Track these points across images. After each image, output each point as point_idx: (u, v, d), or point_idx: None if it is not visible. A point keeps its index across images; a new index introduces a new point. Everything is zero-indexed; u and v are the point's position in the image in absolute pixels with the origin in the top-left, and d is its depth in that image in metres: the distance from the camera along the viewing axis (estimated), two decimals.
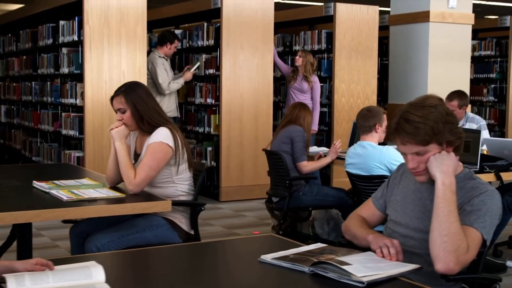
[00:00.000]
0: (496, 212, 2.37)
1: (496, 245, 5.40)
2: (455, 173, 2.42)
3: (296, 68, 8.00)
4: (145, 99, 3.73)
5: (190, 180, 3.86)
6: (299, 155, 5.29)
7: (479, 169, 4.67)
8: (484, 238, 2.34)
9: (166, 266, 2.45)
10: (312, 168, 5.39)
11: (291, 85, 8.06)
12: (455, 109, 6.05)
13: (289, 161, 5.26)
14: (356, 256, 2.31)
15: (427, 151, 2.39)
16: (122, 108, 3.71)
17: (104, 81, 6.93)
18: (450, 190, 2.32)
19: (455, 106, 6.05)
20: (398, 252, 2.37)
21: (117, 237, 3.61)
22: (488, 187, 2.42)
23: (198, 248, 2.88)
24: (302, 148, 5.31)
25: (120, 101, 3.71)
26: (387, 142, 4.49)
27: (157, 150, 3.65)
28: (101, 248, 3.53)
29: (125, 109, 3.70)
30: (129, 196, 3.57)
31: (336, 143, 5.39)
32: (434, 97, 2.44)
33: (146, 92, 3.79)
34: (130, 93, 3.70)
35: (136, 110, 3.69)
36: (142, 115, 3.70)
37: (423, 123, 2.35)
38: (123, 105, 3.70)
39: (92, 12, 6.86)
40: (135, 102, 3.69)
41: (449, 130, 2.39)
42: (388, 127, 2.47)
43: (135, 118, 3.70)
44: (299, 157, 5.29)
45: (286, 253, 2.38)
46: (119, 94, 3.72)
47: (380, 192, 2.71)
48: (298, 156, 5.29)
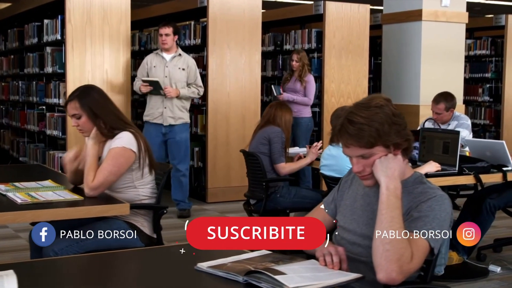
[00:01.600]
0: (445, 218, 2.25)
1: (480, 249, 5.27)
2: (402, 177, 2.30)
3: (291, 70, 7.87)
4: (102, 102, 3.61)
5: (152, 183, 3.76)
6: (277, 157, 5.18)
7: (458, 171, 4.54)
8: (431, 246, 2.21)
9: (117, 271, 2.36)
10: (290, 169, 5.28)
11: (285, 85, 7.95)
12: (442, 112, 5.91)
13: (266, 163, 5.15)
14: (296, 265, 2.20)
15: (372, 154, 2.27)
16: (77, 113, 3.59)
17: (87, 81, 6.82)
18: (394, 195, 2.20)
19: (441, 109, 5.91)
20: (343, 260, 2.25)
21: (75, 242, 3.50)
22: (437, 192, 2.29)
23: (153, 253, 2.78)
24: (280, 149, 5.19)
25: (75, 106, 3.58)
26: (331, 144, 4.39)
27: (119, 155, 3.54)
28: (59, 252, 3.43)
29: (80, 115, 3.59)
30: (87, 199, 3.47)
31: (317, 144, 5.28)
32: (381, 97, 2.32)
33: (101, 95, 3.67)
34: (84, 98, 3.58)
35: (94, 114, 3.57)
36: (100, 119, 3.59)
37: (367, 124, 2.23)
38: (78, 111, 3.58)
39: (74, 11, 6.77)
40: (91, 106, 3.57)
41: (396, 132, 2.27)
42: (332, 128, 2.34)
43: (93, 123, 3.59)
44: (277, 159, 5.18)
45: (224, 260, 2.27)
46: (73, 99, 3.60)
47: (331, 196, 2.59)
48: (276, 158, 5.18)
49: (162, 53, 6.83)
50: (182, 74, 6.82)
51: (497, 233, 5.79)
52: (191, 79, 6.88)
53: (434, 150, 4.71)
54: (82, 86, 3.78)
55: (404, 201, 2.27)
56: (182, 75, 6.82)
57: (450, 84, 8.72)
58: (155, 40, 8.66)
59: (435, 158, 4.60)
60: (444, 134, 4.69)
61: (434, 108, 5.93)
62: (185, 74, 6.83)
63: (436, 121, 5.90)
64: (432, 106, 5.96)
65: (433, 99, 5.99)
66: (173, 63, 6.81)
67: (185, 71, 6.83)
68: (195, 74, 6.91)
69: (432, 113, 5.96)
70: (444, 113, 5.90)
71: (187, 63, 6.85)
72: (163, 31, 6.74)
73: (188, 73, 6.85)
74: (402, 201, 2.25)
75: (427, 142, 4.78)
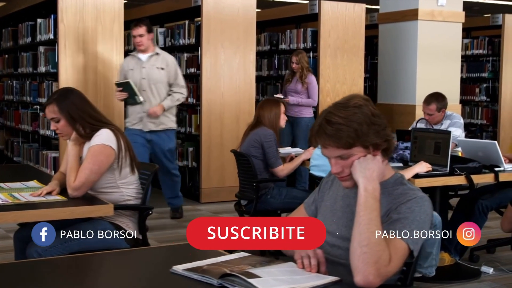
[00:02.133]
0: (425, 220, 2.21)
1: (473, 250, 5.23)
2: (381, 178, 2.25)
3: (292, 70, 7.83)
4: (79, 105, 3.57)
5: (136, 183, 3.72)
6: (274, 161, 5.12)
7: (449, 172, 4.49)
8: (411, 248, 2.17)
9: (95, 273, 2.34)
10: (288, 171, 5.23)
11: (287, 86, 7.91)
12: (434, 112, 5.87)
13: (257, 163, 5.11)
14: (272, 268, 2.16)
15: (351, 154, 2.23)
16: (56, 117, 3.56)
17: (80, 80, 6.79)
18: (372, 196, 2.16)
19: (433, 110, 5.87)
20: (321, 263, 2.21)
21: (59, 243, 3.46)
22: (417, 193, 2.25)
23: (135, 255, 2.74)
24: (275, 152, 5.13)
25: (53, 110, 3.55)
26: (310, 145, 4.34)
27: (98, 153, 3.51)
28: (43, 253, 3.39)
29: (59, 118, 3.55)
30: (70, 200, 3.43)
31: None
32: (360, 97, 2.27)
33: (80, 97, 3.63)
34: (62, 101, 3.55)
35: (72, 117, 3.54)
36: (79, 122, 3.55)
37: (345, 124, 2.19)
38: (56, 114, 3.55)
39: (67, 10, 6.73)
40: (69, 110, 3.53)
41: (375, 132, 2.22)
42: (311, 129, 2.30)
43: (71, 127, 3.55)
44: (274, 163, 5.12)
45: (201, 263, 2.23)
46: (51, 102, 3.56)
47: (312, 198, 2.55)
48: (273, 162, 5.12)
49: (138, 54, 6.38)
50: (161, 74, 6.37)
51: (490, 234, 5.74)
52: (171, 79, 6.43)
53: (426, 151, 4.67)
54: (60, 89, 3.76)
55: (383, 202, 2.23)
56: (161, 75, 6.37)
57: (447, 83, 8.68)
58: None
59: (426, 159, 4.56)
60: (435, 134, 4.65)
61: (425, 109, 5.89)
62: (164, 73, 6.37)
63: (428, 121, 5.86)
64: (424, 107, 5.92)
65: (424, 100, 5.95)
66: (150, 63, 6.36)
67: (165, 71, 6.38)
68: (176, 72, 6.47)
69: (424, 114, 5.92)
70: (435, 114, 5.86)
71: (166, 61, 6.40)
72: (136, 32, 6.28)
73: (168, 72, 6.39)
74: (381, 203, 2.21)
75: (419, 142, 4.74)
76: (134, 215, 3.68)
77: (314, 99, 7.70)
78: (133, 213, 3.68)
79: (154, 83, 6.34)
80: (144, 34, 6.28)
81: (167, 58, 6.44)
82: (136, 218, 3.69)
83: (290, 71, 7.86)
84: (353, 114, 2.20)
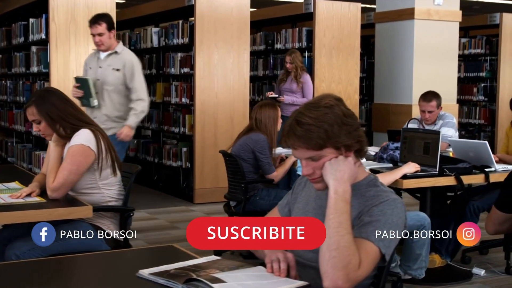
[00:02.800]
0: (397, 223, 2.15)
1: (465, 251, 5.17)
2: (353, 180, 2.19)
3: (287, 70, 7.78)
4: (59, 106, 3.52)
5: (118, 184, 3.67)
6: (267, 168, 5.07)
7: (439, 172, 4.43)
8: (383, 252, 2.11)
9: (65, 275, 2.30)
10: (282, 175, 5.18)
11: (281, 86, 7.85)
12: (434, 109, 5.80)
13: (245, 166, 5.05)
14: (240, 272, 2.11)
15: (322, 156, 2.17)
16: (36, 119, 3.52)
17: (71, 81, 6.72)
18: (342, 199, 2.10)
19: (434, 107, 5.79)
20: (291, 267, 2.16)
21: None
22: (390, 195, 2.19)
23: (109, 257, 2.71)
24: (269, 158, 5.08)
25: (32, 112, 3.51)
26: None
27: (77, 153, 3.46)
28: (21, 256, 3.34)
29: (39, 120, 3.51)
30: (50, 202, 3.38)
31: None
32: (331, 97, 2.21)
33: (59, 97, 3.57)
34: (41, 103, 3.50)
35: (51, 119, 3.49)
36: (59, 123, 3.50)
37: (315, 125, 2.13)
38: (36, 116, 3.50)
39: (58, 9, 6.70)
40: (48, 111, 3.49)
41: (347, 133, 2.16)
42: (282, 130, 2.24)
43: (51, 128, 3.51)
44: (268, 170, 5.08)
45: (169, 267, 2.18)
46: (31, 105, 3.52)
47: (286, 199, 2.49)
48: (267, 169, 5.07)
49: (99, 52, 5.77)
50: (116, 76, 5.61)
51: (483, 235, 5.65)
52: (128, 81, 5.64)
53: (415, 151, 4.61)
54: (39, 91, 3.72)
55: (355, 205, 2.18)
56: (116, 77, 5.61)
57: (443, 83, 8.62)
58: (145, 39, 8.59)
59: (416, 159, 4.50)
60: (425, 135, 4.59)
61: (426, 107, 5.77)
62: (120, 76, 5.60)
63: (427, 120, 5.79)
64: (424, 105, 5.80)
65: (424, 98, 5.82)
66: (107, 62, 5.67)
67: (120, 72, 5.60)
68: (132, 75, 5.63)
69: (423, 113, 5.79)
70: (435, 111, 5.79)
71: (123, 62, 5.63)
72: (94, 31, 5.63)
73: (124, 74, 5.61)
74: (353, 205, 2.15)
75: (408, 143, 4.68)
76: (115, 216, 3.63)
77: (309, 99, 7.64)
78: (114, 214, 3.63)
79: (107, 87, 5.65)
80: (104, 33, 5.61)
81: (126, 57, 5.67)
82: (117, 220, 3.64)
83: (285, 70, 7.81)
84: (323, 114, 2.14)
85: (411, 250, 4.41)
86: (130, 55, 5.72)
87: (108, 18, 5.68)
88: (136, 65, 5.67)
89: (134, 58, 5.71)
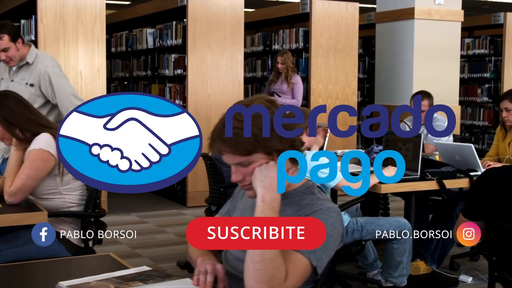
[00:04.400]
0: (331, 233, 2.01)
1: (453, 257, 5.01)
2: (287, 187, 2.06)
3: (278, 71, 7.66)
4: (15, 110, 3.43)
5: (81, 189, 3.56)
6: None
7: (420, 176, 4.29)
8: (314, 265, 1.98)
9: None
10: None
11: (272, 86, 7.74)
12: (426, 109, 5.66)
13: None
14: (163, 285, 1.99)
15: (251, 161, 2.04)
16: None
17: None
18: (270, 207, 1.97)
19: (426, 106, 5.67)
20: (220, 279, 2.03)
21: None
22: (325, 204, 2.06)
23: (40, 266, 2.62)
24: None
25: None
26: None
27: (36, 158, 3.36)
28: None
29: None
30: (5, 207, 3.29)
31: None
32: (262, 98, 2.09)
33: (16, 101, 3.48)
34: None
35: (8, 122, 3.40)
36: (16, 127, 3.41)
37: (243, 129, 2.01)
38: None
39: (46, 10, 6.61)
40: (4, 115, 3.41)
41: (278, 137, 2.03)
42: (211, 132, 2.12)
43: (9, 132, 3.42)
44: None
45: (91, 278, 2.07)
46: None
47: (226, 207, 2.37)
48: None
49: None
50: (30, 92, 4.56)
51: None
52: (49, 97, 4.62)
53: None
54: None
55: (289, 214, 2.04)
56: (30, 92, 4.56)
57: (445, 84, 8.46)
58: (140, 41, 8.50)
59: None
60: (406, 138, 4.45)
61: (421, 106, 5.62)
62: (35, 91, 4.59)
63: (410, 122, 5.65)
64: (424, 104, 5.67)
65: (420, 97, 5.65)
66: (19, 75, 4.66)
67: (35, 88, 4.59)
68: (52, 90, 4.59)
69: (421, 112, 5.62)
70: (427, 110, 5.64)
71: (37, 75, 4.59)
72: None
73: (41, 91, 4.59)
74: (287, 214, 2.02)
75: (390, 146, 4.54)
76: (76, 222, 3.53)
77: (299, 100, 7.51)
78: (75, 220, 3.53)
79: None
80: (9, 46, 4.54)
81: (39, 68, 4.61)
82: (78, 226, 3.53)
83: (275, 71, 7.69)
84: (253, 117, 2.02)
85: (391, 257, 4.27)
86: (43, 63, 4.64)
87: (9, 28, 4.59)
88: (52, 75, 4.61)
89: (49, 64, 4.66)
